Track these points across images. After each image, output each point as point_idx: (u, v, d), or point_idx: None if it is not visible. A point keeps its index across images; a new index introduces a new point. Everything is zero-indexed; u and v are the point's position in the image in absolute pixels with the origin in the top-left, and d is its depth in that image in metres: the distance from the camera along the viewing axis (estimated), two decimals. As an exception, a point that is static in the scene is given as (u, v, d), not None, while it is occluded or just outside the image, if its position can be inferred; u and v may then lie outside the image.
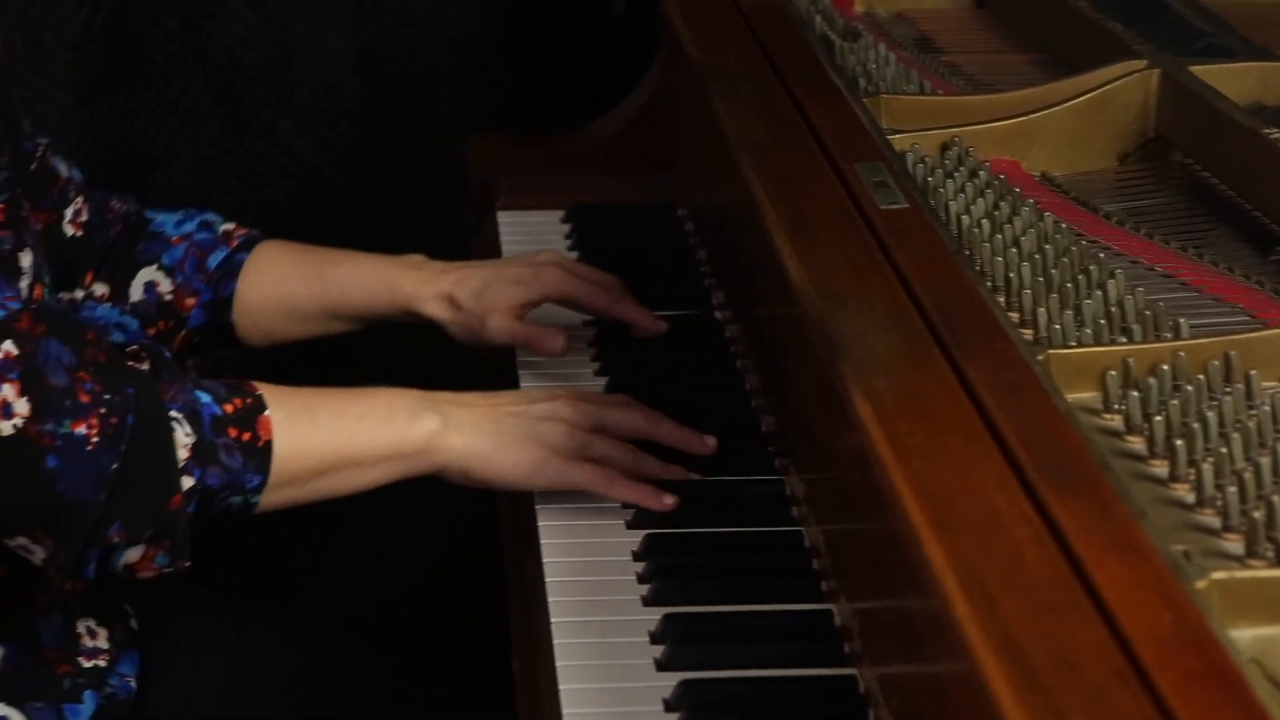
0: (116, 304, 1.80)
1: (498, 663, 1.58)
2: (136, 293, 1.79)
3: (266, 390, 1.50)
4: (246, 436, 1.47)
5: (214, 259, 1.80)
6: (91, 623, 1.62)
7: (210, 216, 1.84)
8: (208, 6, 2.49)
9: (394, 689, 1.80)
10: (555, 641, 1.45)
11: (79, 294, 1.77)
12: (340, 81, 2.54)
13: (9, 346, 1.38)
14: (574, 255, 2.08)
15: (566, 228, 2.15)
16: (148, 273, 1.79)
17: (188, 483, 1.44)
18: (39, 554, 1.44)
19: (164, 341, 1.80)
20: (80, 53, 2.45)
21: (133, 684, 1.64)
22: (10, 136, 1.59)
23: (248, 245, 1.82)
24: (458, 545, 2.33)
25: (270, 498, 1.50)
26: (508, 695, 1.51)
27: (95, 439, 1.40)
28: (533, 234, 2.14)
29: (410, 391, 1.59)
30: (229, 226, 1.83)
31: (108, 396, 1.41)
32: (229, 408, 1.47)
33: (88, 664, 1.59)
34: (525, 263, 1.83)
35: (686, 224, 2.10)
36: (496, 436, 1.57)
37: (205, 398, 1.47)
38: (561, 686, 1.39)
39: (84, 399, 1.40)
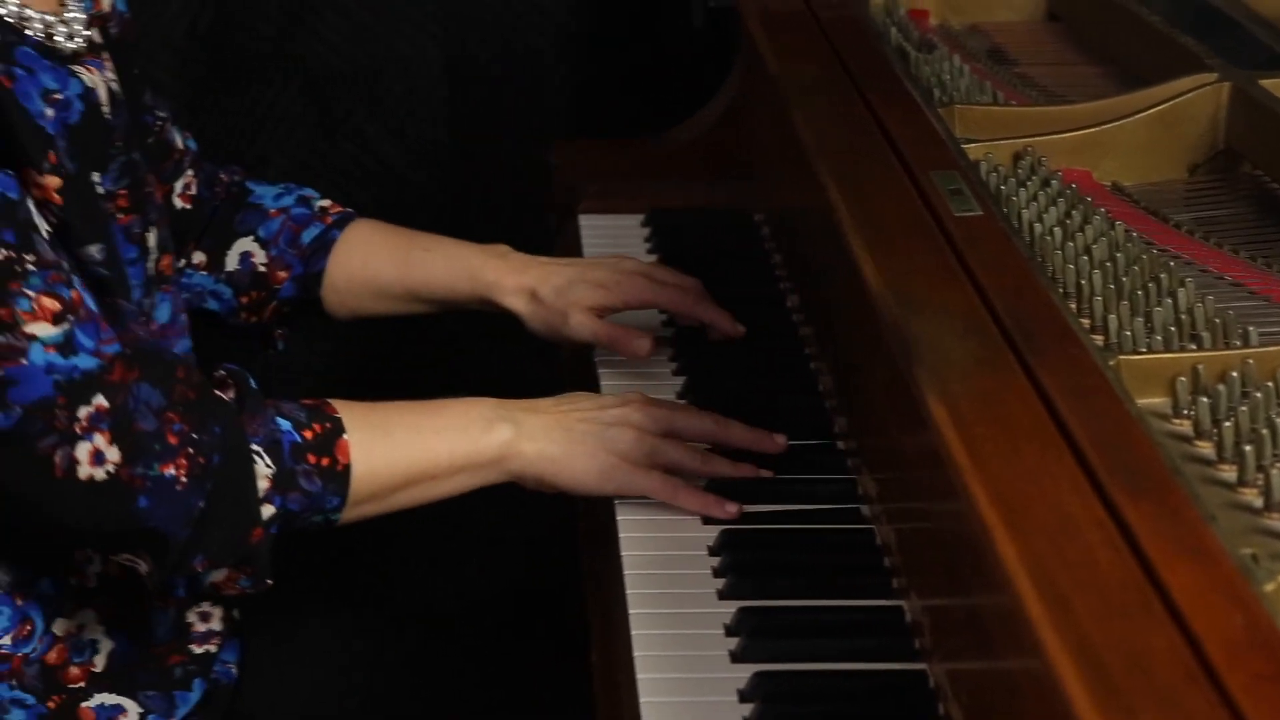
0: (212, 272, 1.81)
1: (576, 654, 1.58)
2: (232, 262, 1.80)
3: (344, 410, 1.51)
4: (325, 462, 1.48)
5: (308, 234, 1.81)
6: (206, 606, 1.62)
7: (308, 192, 1.84)
8: (303, 16, 2.51)
9: (475, 679, 1.80)
10: (633, 633, 1.45)
11: (180, 262, 1.77)
12: (428, 88, 2.55)
13: (100, 400, 1.38)
14: (653, 258, 2.08)
15: (646, 231, 2.15)
16: (244, 243, 1.80)
17: (268, 511, 1.45)
18: (142, 567, 1.46)
19: (254, 311, 1.81)
20: (183, 57, 2.47)
21: (234, 670, 1.64)
22: (133, 110, 1.59)
23: (341, 223, 1.82)
24: (539, 540, 2.33)
25: (350, 514, 1.51)
26: (585, 686, 1.50)
27: (184, 479, 1.41)
28: (613, 237, 2.14)
29: (484, 401, 1.59)
30: (325, 203, 1.84)
31: (195, 436, 1.42)
32: (308, 434, 1.48)
33: (198, 650, 1.60)
34: (610, 267, 1.82)
35: (762, 229, 2.09)
36: (567, 443, 1.57)
37: (285, 425, 1.47)
38: (639, 677, 1.39)
39: (172, 440, 1.41)
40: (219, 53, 2.49)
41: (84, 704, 1.54)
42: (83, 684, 1.54)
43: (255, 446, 1.45)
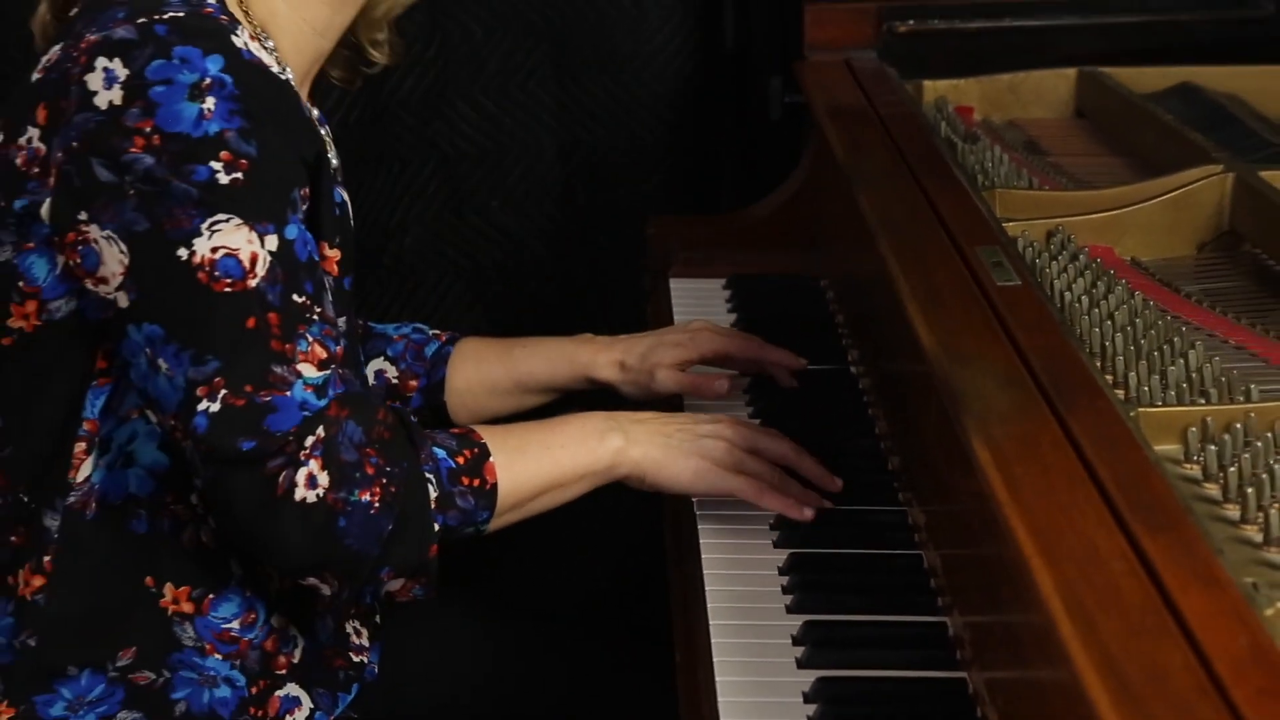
0: None
1: (661, 652, 1.57)
2: (370, 379, 1.80)
3: (488, 436, 1.51)
4: (476, 483, 1.48)
5: (429, 350, 1.82)
6: (356, 623, 1.63)
7: (419, 324, 1.86)
8: (440, 107, 2.52)
9: (573, 668, 1.80)
10: (713, 640, 1.44)
11: None
12: (544, 169, 2.56)
13: (320, 432, 1.40)
14: (733, 317, 2.08)
15: (727, 294, 2.15)
16: (377, 363, 1.80)
17: (435, 527, 1.46)
18: (326, 590, 1.47)
19: None
20: (338, 143, 2.49)
21: (376, 668, 1.65)
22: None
23: (453, 340, 1.83)
24: (631, 556, 2.34)
25: (495, 524, 1.51)
26: (669, 681, 1.50)
27: (377, 504, 1.41)
28: (698, 299, 2.14)
29: (597, 415, 1.59)
30: (435, 330, 1.85)
31: (388, 469, 1.42)
32: (460, 459, 1.48)
33: (356, 659, 1.60)
34: (681, 329, 1.84)
35: (828, 292, 2.09)
36: (667, 448, 1.57)
37: (441, 453, 1.48)
38: (718, 678, 1.39)
39: (369, 471, 1.42)
40: (368, 138, 2.51)
41: (277, 692, 1.55)
42: (283, 673, 1.55)
43: (427, 474, 1.45)
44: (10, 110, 1.43)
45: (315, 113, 1.62)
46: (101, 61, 1.34)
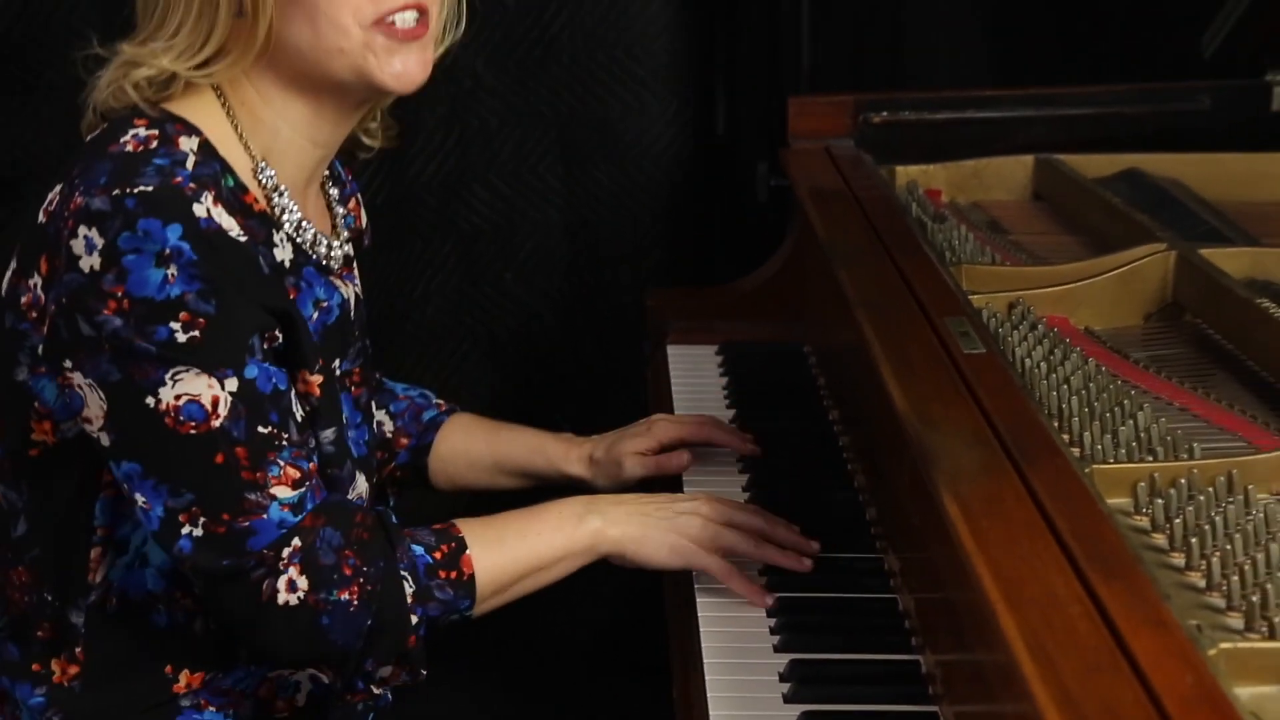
0: None
1: (660, 687, 1.56)
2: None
3: (467, 529, 1.50)
4: (454, 575, 1.47)
5: (426, 415, 1.81)
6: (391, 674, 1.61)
7: (426, 390, 1.86)
8: (458, 189, 2.53)
9: (582, 709, 1.79)
10: (707, 677, 1.44)
11: None
12: (553, 245, 2.57)
13: (296, 542, 1.40)
14: (725, 380, 2.07)
15: (719, 359, 2.14)
16: (379, 415, 1.79)
17: (413, 619, 1.45)
18: (324, 679, 1.48)
19: (377, 469, 1.78)
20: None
21: (389, 695, 1.63)
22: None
23: (450, 412, 1.83)
24: (633, 599, 2.33)
25: (479, 609, 1.50)
26: (669, 715, 1.49)
27: (356, 602, 1.41)
28: (693, 364, 2.13)
29: (576, 499, 1.58)
30: (439, 400, 1.85)
31: (365, 569, 1.42)
32: (438, 554, 1.47)
33: (377, 690, 1.59)
34: (642, 423, 1.82)
35: (811, 358, 2.08)
36: (645, 526, 1.55)
37: (419, 550, 1.47)
38: (712, 712, 1.38)
39: (347, 571, 1.42)
40: (394, 218, 2.52)
41: None
42: (287, 714, 1.55)
43: (403, 571, 1.45)
44: (22, 247, 1.45)
45: (335, 193, 1.62)
46: (83, 230, 1.36)
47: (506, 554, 1.51)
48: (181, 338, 1.35)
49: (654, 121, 2.54)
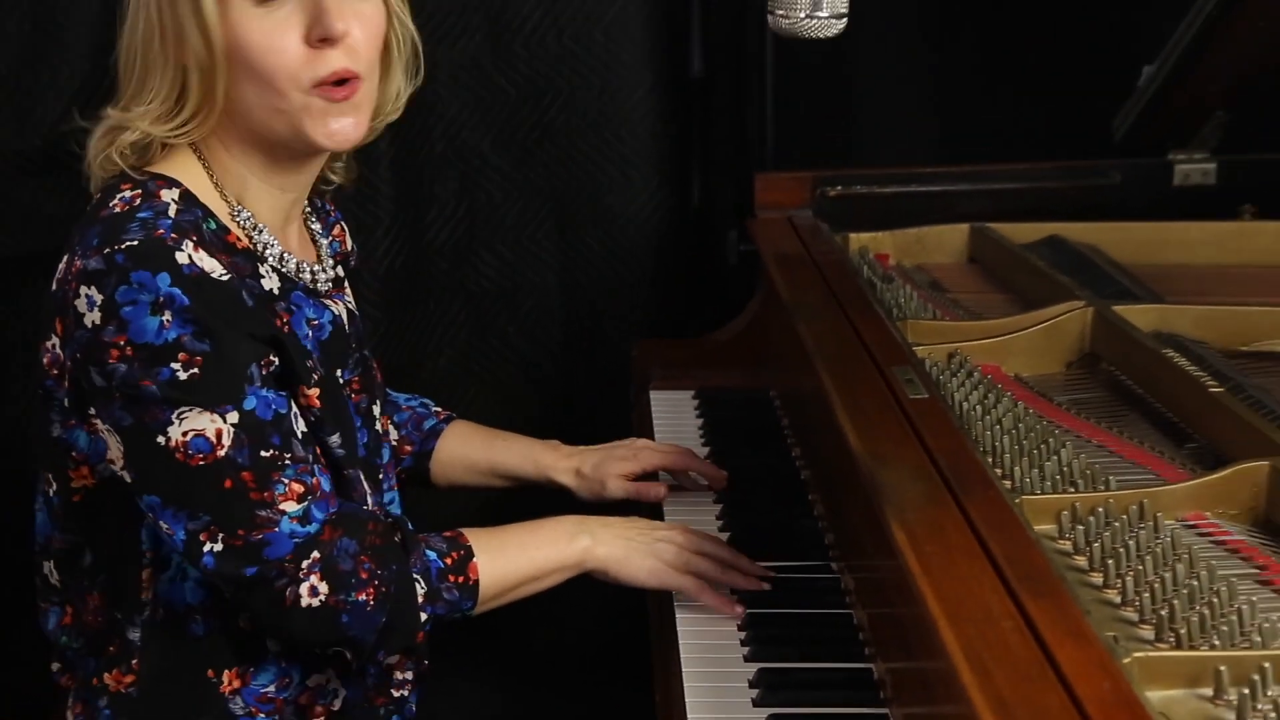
0: None
1: (643, 691, 1.56)
2: None
3: (473, 538, 1.50)
4: (461, 579, 1.47)
5: (427, 424, 1.81)
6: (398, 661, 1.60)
7: (427, 400, 1.85)
8: (466, 254, 2.53)
9: (578, 710, 1.78)
10: (685, 684, 1.44)
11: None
12: (550, 304, 2.56)
13: (315, 554, 1.40)
14: (700, 420, 2.07)
15: (695, 403, 2.14)
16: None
17: (423, 617, 1.45)
18: (347, 654, 1.48)
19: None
20: (384, 284, 2.50)
21: (414, 708, 1.62)
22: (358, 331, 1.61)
23: (449, 420, 1.82)
24: (622, 615, 2.31)
25: (479, 610, 1.50)
26: (647, 716, 1.49)
27: (372, 603, 1.41)
28: (673, 407, 2.13)
29: (569, 518, 1.57)
30: (438, 409, 1.84)
31: (380, 572, 1.42)
32: (448, 560, 1.47)
33: (396, 694, 1.58)
34: (628, 445, 1.81)
35: (776, 402, 2.08)
36: (628, 549, 1.55)
37: (432, 555, 1.47)
38: (689, 715, 1.38)
39: (364, 575, 1.41)
40: (410, 280, 2.52)
41: None
42: (324, 719, 1.54)
43: (416, 575, 1.45)
44: (42, 313, 1.45)
45: (318, 226, 1.61)
46: (84, 290, 1.35)
47: (507, 564, 1.50)
48: (182, 376, 1.34)
49: (638, 195, 2.54)
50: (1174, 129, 2.25)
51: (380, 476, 1.59)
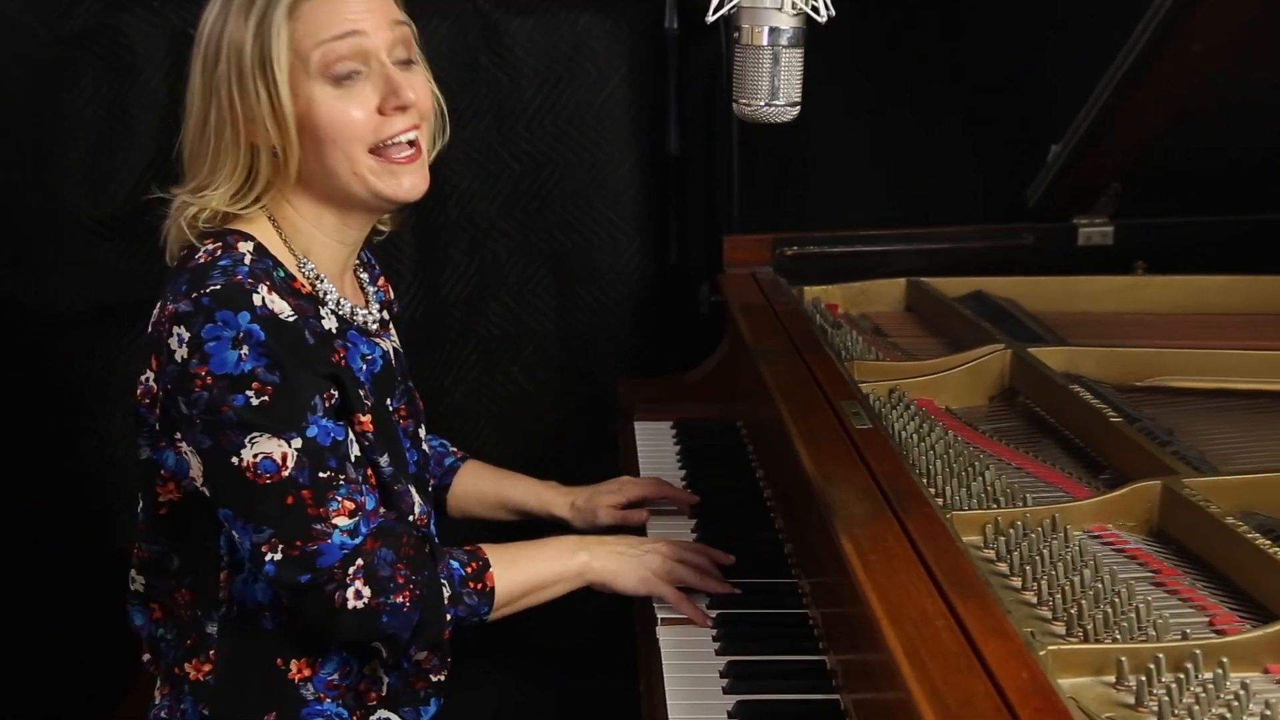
0: None
1: (630, 682, 1.55)
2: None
3: (490, 552, 1.50)
4: (479, 586, 1.47)
5: (446, 461, 1.80)
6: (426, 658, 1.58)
7: (445, 440, 1.84)
8: (478, 305, 2.53)
9: (572, 700, 1.77)
10: (665, 675, 1.43)
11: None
12: (548, 347, 2.56)
13: (360, 562, 1.40)
14: (677, 448, 2.06)
15: (673, 432, 2.14)
16: None
17: (448, 618, 1.45)
18: (383, 650, 1.47)
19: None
20: (408, 331, 2.49)
21: (443, 698, 1.61)
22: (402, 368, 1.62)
23: (464, 459, 1.82)
24: (615, 617, 2.30)
25: (493, 616, 1.49)
26: (636, 703, 1.48)
27: (407, 604, 1.41)
28: (654, 436, 2.12)
29: (571, 537, 1.58)
30: (455, 449, 1.83)
31: (414, 578, 1.42)
32: (469, 569, 1.47)
33: (435, 679, 1.56)
34: (615, 482, 1.82)
35: (742, 431, 2.08)
36: (620, 562, 1.55)
37: (455, 564, 1.47)
38: (669, 701, 1.38)
39: (400, 580, 1.41)
40: (429, 328, 2.51)
41: (372, 717, 1.52)
42: (374, 703, 1.52)
43: (443, 580, 1.44)
44: (139, 351, 1.45)
45: (365, 276, 1.60)
46: (175, 329, 1.36)
47: (519, 574, 1.50)
48: (255, 402, 1.34)
49: (624, 253, 2.54)
50: (1077, 198, 2.27)
51: (430, 489, 1.59)
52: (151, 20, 2.29)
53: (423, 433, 1.60)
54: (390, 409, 1.53)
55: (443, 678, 1.58)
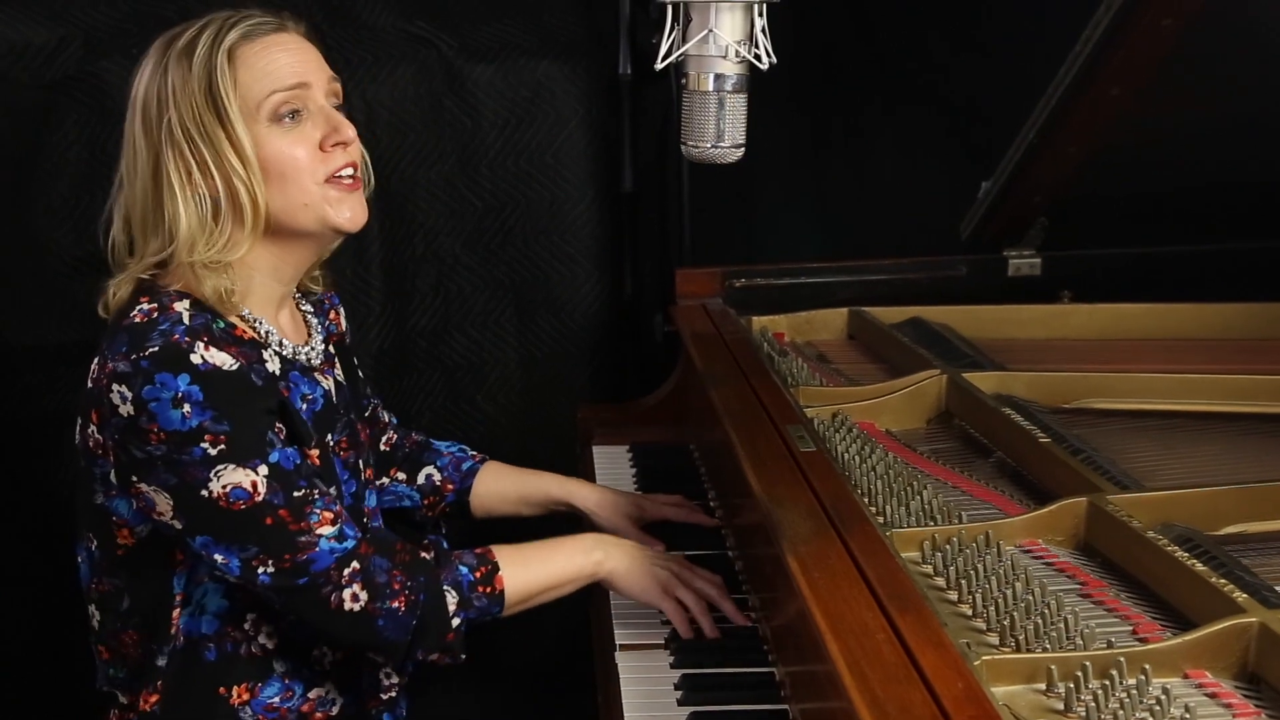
0: (409, 484, 1.78)
1: (589, 694, 1.54)
2: (421, 479, 1.77)
3: (500, 553, 1.48)
4: (489, 590, 1.45)
5: (465, 465, 1.78)
6: (387, 669, 1.55)
7: (464, 446, 1.83)
8: (443, 335, 2.52)
9: (537, 711, 1.75)
10: (622, 688, 1.43)
11: (386, 480, 1.77)
12: (510, 375, 2.55)
13: (355, 565, 1.38)
14: (634, 470, 2.06)
15: (630, 455, 2.13)
16: (429, 470, 1.77)
17: (455, 622, 1.43)
18: (381, 659, 1.45)
19: (430, 509, 1.76)
20: (376, 361, 2.48)
21: (404, 710, 1.59)
22: (353, 394, 1.60)
23: (483, 461, 1.80)
24: (572, 632, 2.29)
25: (508, 613, 1.48)
26: (594, 716, 1.47)
27: (403, 609, 1.39)
28: (611, 459, 2.12)
29: (588, 536, 1.57)
30: (473, 452, 1.82)
31: (409, 583, 1.40)
32: (478, 574, 1.45)
33: (385, 696, 1.54)
34: (643, 499, 1.81)
35: (695, 454, 2.08)
36: (631, 567, 1.53)
37: (463, 569, 1.45)
38: (626, 715, 1.38)
39: (396, 586, 1.40)
40: (396, 357, 2.50)
41: None
42: None
43: (447, 586, 1.42)
44: (80, 408, 1.42)
45: (310, 308, 1.58)
46: (116, 387, 1.34)
47: (530, 575, 1.48)
48: (212, 451, 1.33)
49: (581, 286, 2.54)
50: (1007, 231, 2.29)
51: (365, 520, 1.57)
52: (130, 67, 2.27)
53: (362, 464, 1.57)
54: (330, 443, 1.51)
55: (395, 694, 1.56)
